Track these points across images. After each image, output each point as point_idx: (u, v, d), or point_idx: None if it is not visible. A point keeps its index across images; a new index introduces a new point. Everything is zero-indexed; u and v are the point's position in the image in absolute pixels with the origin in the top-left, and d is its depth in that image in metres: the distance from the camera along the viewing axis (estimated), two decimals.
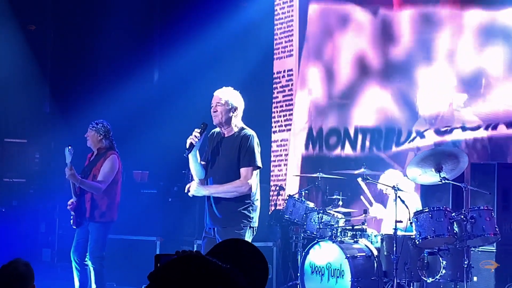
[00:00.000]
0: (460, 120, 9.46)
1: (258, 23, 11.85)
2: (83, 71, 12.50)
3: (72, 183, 7.77)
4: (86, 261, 7.85)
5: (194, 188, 6.11)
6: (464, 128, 9.41)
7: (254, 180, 6.07)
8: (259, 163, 6.07)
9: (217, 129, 6.25)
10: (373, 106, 10.54)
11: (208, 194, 6.10)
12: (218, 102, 6.09)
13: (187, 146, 6.02)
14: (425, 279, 7.49)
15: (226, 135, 6.18)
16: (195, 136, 6.00)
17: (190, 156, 6.08)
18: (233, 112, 6.11)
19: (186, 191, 6.19)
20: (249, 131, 6.15)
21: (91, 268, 7.81)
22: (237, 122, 6.17)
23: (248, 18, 11.67)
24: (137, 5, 12.33)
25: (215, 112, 6.10)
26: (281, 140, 11.83)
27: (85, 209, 7.79)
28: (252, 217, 6.06)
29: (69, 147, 7.51)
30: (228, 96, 6.13)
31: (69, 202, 7.91)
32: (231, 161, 6.06)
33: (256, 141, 6.10)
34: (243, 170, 6.01)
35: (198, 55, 11.66)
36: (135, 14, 12.30)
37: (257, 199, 6.13)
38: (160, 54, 12.84)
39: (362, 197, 8.80)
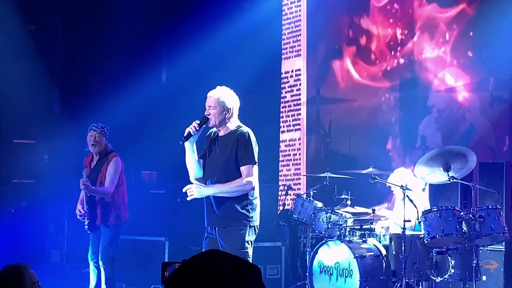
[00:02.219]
0: None
1: (266, 23, 11.85)
2: (92, 72, 12.53)
3: (84, 193, 7.87)
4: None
5: (197, 190, 5.98)
6: None
7: (256, 177, 6.04)
8: (256, 159, 6.02)
9: (215, 129, 6.23)
10: None
11: (212, 193, 6.01)
12: (210, 105, 6.03)
13: (185, 134, 5.99)
14: (434, 279, 7.47)
15: (222, 134, 6.13)
16: (194, 126, 5.96)
17: (186, 146, 6.03)
18: (227, 113, 6.04)
19: (188, 193, 6.00)
20: (245, 128, 6.09)
21: (102, 269, 7.85)
22: (232, 121, 6.10)
23: (256, 18, 11.66)
24: (145, 6, 12.35)
25: (208, 115, 6.04)
26: (289, 140, 11.83)
27: (96, 215, 7.85)
28: (252, 216, 6.00)
29: (85, 169, 7.91)
30: (220, 97, 6.04)
31: (79, 212, 7.95)
32: (228, 160, 6.01)
33: (253, 137, 6.06)
34: (243, 169, 5.96)
35: (206, 55, 11.66)
36: (143, 15, 12.32)
37: (256, 198, 6.08)
38: (168, 54, 12.86)
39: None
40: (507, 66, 9.08)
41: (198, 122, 6.00)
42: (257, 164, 6.05)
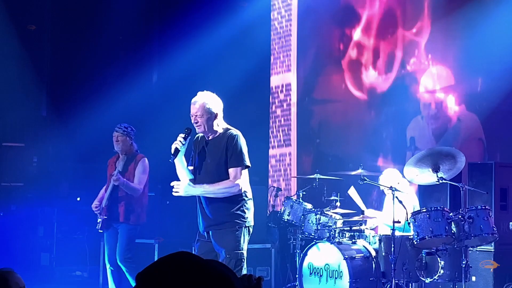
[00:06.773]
0: None
1: (256, 37, 11.84)
2: (80, 74, 12.46)
3: (110, 187, 7.85)
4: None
5: (184, 188, 6.00)
6: None
7: (244, 180, 6.03)
8: (247, 162, 6.03)
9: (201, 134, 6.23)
10: None
11: (199, 193, 6.01)
12: (197, 114, 6.00)
13: (172, 151, 5.99)
14: (424, 280, 7.48)
15: (211, 138, 6.12)
16: (180, 141, 5.96)
17: (176, 161, 6.05)
18: (215, 118, 6.03)
19: (174, 189, 6.02)
20: (234, 131, 6.09)
21: (125, 270, 7.83)
22: (220, 124, 6.10)
23: (247, 32, 11.64)
24: (136, 8, 12.31)
25: (196, 123, 6.02)
26: (279, 155, 11.80)
27: (117, 213, 7.84)
28: (247, 217, 6.02)
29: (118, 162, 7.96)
30: (205, 103, 6.01)
31: (94, 206, 7.92)
32: (219, 163, 6.01)
33: (242, 140, 6.05)
34: (231, 170, 5.97)
35: (197, 57, 11.65)
36: (133, 16, 12.28)
37: (250, 199, 6.09)
38: (159, 56, 12.82)
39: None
40: (495, 67, 9.11)
41: (183, 135, 6.00)
42: (247, 167, 6.05)
